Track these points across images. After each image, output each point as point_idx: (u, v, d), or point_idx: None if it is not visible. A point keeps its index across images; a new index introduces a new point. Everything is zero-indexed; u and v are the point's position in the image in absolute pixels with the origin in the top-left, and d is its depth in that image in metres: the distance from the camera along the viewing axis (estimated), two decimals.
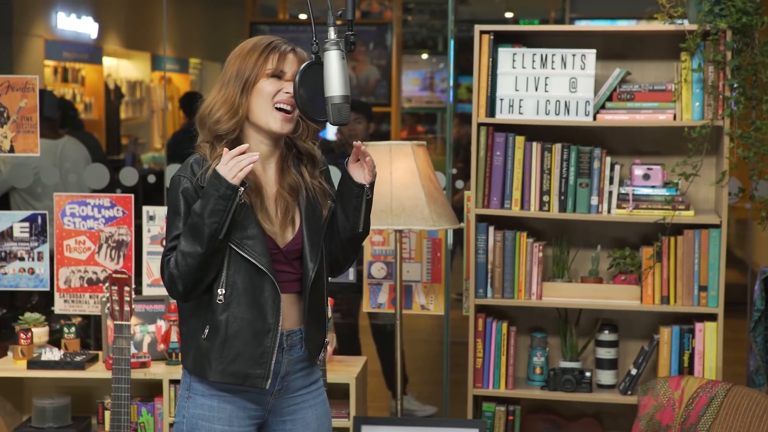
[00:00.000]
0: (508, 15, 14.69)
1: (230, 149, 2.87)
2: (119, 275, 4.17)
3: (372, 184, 3.00)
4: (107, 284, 4.23)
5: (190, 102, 9.38)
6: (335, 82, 2.83)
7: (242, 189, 2.81)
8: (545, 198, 4.53)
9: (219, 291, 2.89)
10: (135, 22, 11.66)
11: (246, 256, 2.88)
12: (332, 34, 2.85)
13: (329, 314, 4.13)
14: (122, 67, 12.12)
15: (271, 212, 2.96)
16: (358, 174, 2.98)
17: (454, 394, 5.31)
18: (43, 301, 6.04)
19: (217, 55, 13.18)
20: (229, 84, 2.93)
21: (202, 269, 2.85)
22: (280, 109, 2.93)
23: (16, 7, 9.85)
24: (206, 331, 2.91)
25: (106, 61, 11.62)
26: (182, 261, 2.84)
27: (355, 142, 2.98)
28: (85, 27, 10.93)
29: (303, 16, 13.57)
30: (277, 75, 2.93)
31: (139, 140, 11.96)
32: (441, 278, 5.08)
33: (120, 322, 4.14)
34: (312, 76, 2.86)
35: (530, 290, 4.57)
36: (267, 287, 2.91)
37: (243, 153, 2.82)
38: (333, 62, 2.83)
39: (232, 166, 2.80)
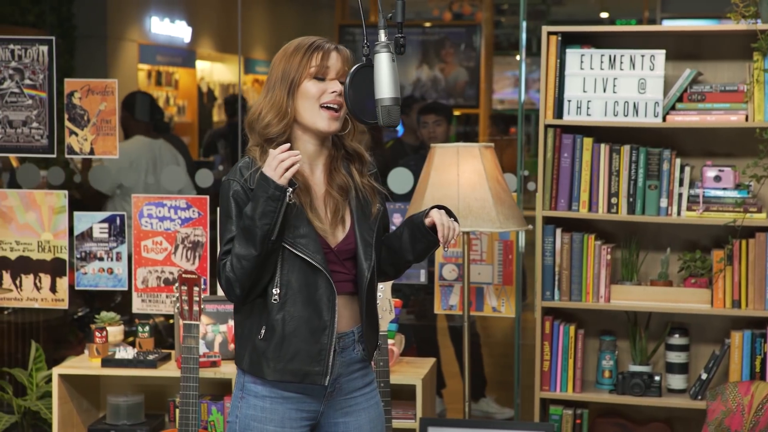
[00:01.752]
0: (604, 15, 14.56)
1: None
2: (188, 275, 4.23)
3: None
4: (177, 284, 4.29)
5: (232, 103, 9.60)
6: (385, 84, 2.84)
7: (290, 189, 2.83)
8: (613, 200, 4.50)
9: (274, 291, 2.91)
10: (228, 26, 11.81)
11: (300, 254, 2.89)
12: (383, 36, 2.86)
13: (393, 315, 4.16)
14: (215, 71, 12.28)
15: (320, 212, 2.97)
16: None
17: (529, 397, 5.29)
18: (125, 301, 6.16)
19: None
20: (275, 87, 2.96)
21: (258, 271, 2.88)
22: (327, 108, 2.95)
23: (110, 12, 10.06)
24: (262, 331, 2.92)
25: (199, 64, 11.79)
26: (237, 264, 2.87)
27: (440, 227, 2.95)
28: (179, 31, 11.11)
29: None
30: (321, 74, 2.94)
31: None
32: (512, 280, 5.07)
33: (189, 322, 4.19)
34: (362, 78, 2.88)
35: (598, 293, 4.53)
36: (321, 285, 2.92)
37: (285, 152, 2.83)
38: (383, 64, 2.84)
39: (275, 166, 2.81)
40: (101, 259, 5.26)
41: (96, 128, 5.22)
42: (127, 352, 4.65)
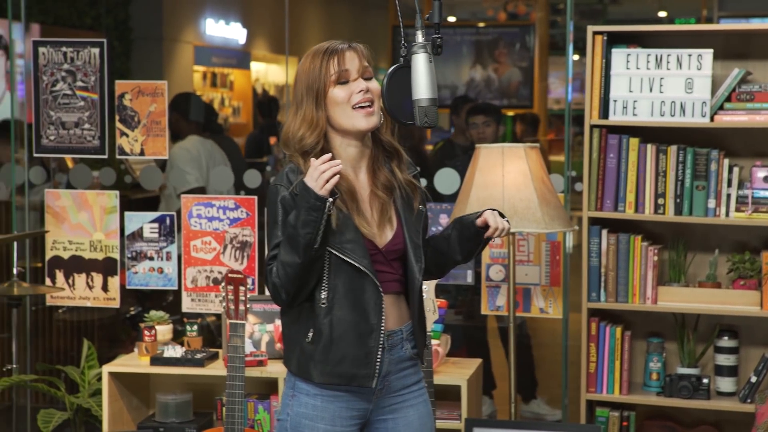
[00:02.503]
0: (662, 14, 14.45)
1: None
2: (235, 275, 4.27)
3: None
4: (223, 284, 4.33)
5: (267, 105, 9.68)
6: (422, 85, 2.84)
7: (331, 200, 2.83)
8: (660, 201, 4.47)
9: (321, 295, 2.92)
10: (283, 27, 11.87)
11: (346, 259, 2.90)
12: (420, 37, 2.87)
13: (436, 316, 4.17)
14: (270, 72, 12.36)
15: (367, 214, 2.98)
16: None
17: (576, 399, 5.26)
18: (176, 300, 6.22)
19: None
20: (303, 103, 2.97)
21: (303, 277, 2.89)
22: (360, 108, 2.95)
23: (166, 15, 10.17)
24: (310, 334, 2.94)
25: (254, 65, 11.88)
26: (282, 270, 2.88)
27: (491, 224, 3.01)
28: (234, 33, 11.21)
29: (452, 19, 13.61)
30: (344, 78, 2.95)
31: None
32: (560, 281, 5.05)
33: (235, 321, 4.23)
34: (400, 78, 2.89)
35: (645, 294, 4.50)
36: (368, 288, 2.93)
37: (326, 162, 2.83)
38: (420, 65, 2.85)
39: (317, 176, 2.82)
40: (151, 258, 5.32)
41: (146, 129, 5.28)
42: (175, 351, 4.70)
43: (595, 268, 4.54)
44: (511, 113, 10.40)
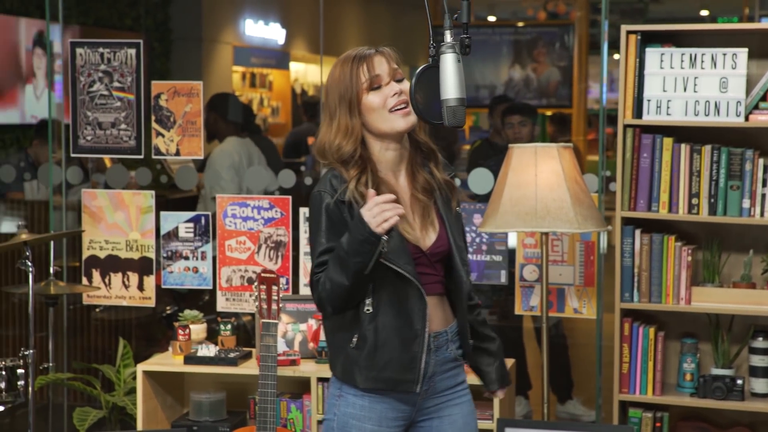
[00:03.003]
0: (704, 13, 14.35)
1: (358, 169, 2.94)
2: (267, 275, 4.29)
3: None
4: (256, 283, 4.35)
5: (313, 105, 9.70)
6: (450, 85, 2.83)
7: (386, 238, 2.81)
8: (694, 201, 4.44)
9: (366, 301, 2.94)
10: (324, 28, 11.90)
11: (391, 265, 2.91)
12: (448, 37, 2.87)
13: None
14: (309, 72, 12.40)
15: (409, 218, 2.99)
16: None
17: (610, 400, 5.24)
18: (212, 300, 6.25)
19: (407, 59, 13.35)
20: (337, 113, 2.98)
21: (350, 297, 2.91)
22: (396, 110, 2.96)
23: (205, 15, 10.22)
24: (354, 340, 2.96)
25: (293, 66, 11.91)
26: (330, 287, 2.88)
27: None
28: (273, 33, 11.24)
29: (492, 18, 13.57)
30: (376, 84, 2.96)
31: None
32: (594, 281, 5.03)
33: (267, 321, 4.25)
34: (428, 78, 2.89)
35: (678, 295, 4.48)
36: (412, 294, 2.94)
37: (389, 202, 2.81)
38: (448, 65, 2.84)
39: (376, 214, 2.79)
40: (187, 258, 5.35)
41: (182, 129, 5.31)
42: (209, 350, 4.73)
43: (628, 268, 4.52)
44: (548, 113, 10.38)
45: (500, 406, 4.49)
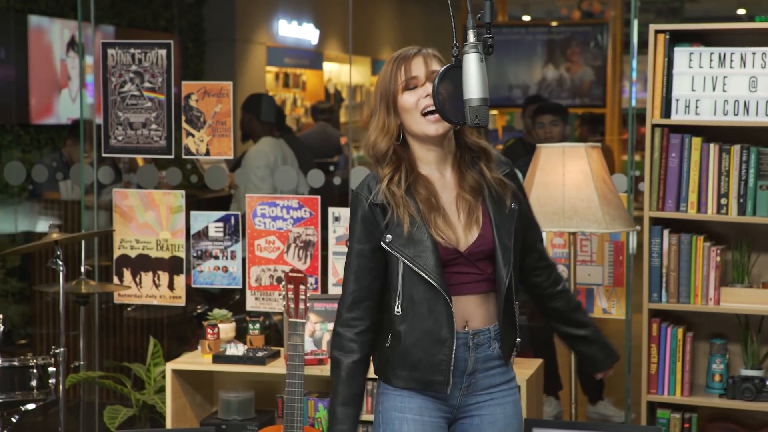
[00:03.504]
0: (741, 12, 14.27)
1: (392, 167, 2.98)
2: (295, 274, 4.31)
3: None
4: (284, 283, 4.36)
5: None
6: (473, 85, 2.83)
7: None
8: (723, 201, 4.41)
9: (396, 303, 2.98)
10: (356, 28, 11.94)
11: (419, 271, 2.94)
12: (471, 37, 2.87)
13: None
14: (343, 72, 12.42)
15: (452, 217, 3.01)
16: None
17: (638, 401, 5.22)
18: (243, 299, 6.29)
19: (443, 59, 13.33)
20: (377, 110, 3.05)
21: None
22: (428, 113, 2.98)
23: (238, 16, 10.27)
24: (389, 340, 3.02)
25: (327, 66, 11.94)
26: (332, 372, 3.08)
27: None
28: (307, 33, 11.27)
29: (526, 18, 13.55)
30: (413, 84, 2.98)
31: (353, 143, 12.24)
32: (623, 282, 5.02)
33: (295, 320, 4.26)
34: (452, 78, 2.90)
35: (707, 295, 4.45)
36: (441, 299, 2.96)
37: None
38: (471, 65, 2.85)
39: None
40: (216, 257, 5.38)
41: (212, 129, 5.34)
42: (237, 349, 4.75)
43: (656, 268, 4.50)
44: (579, 112, 10.35)
45: (528, 407, 4.48)
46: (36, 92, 8.11)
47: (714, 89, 4.42)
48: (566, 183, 4.45)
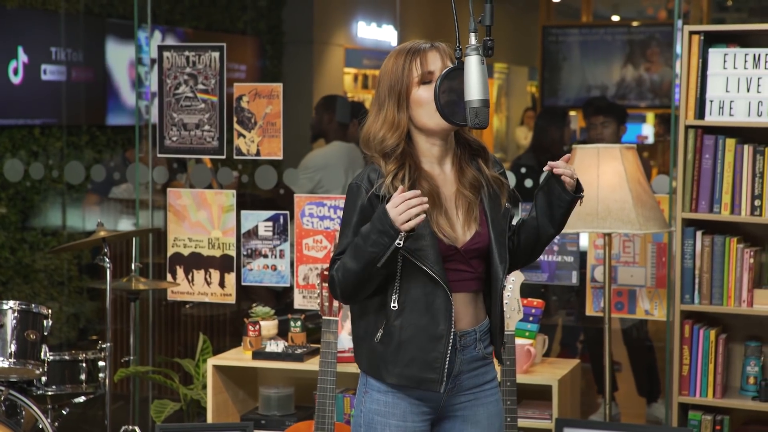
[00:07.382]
0: None
1: (397, 164, 2.96)
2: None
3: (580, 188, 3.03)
4: (318, 281, 4.43)
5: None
6: (474, 86, 2.87)
7: (403, 234, 2.82)
8: (757, 202, 4.37)
9: (393, 297, 2.95)
10: (436, 30, 11.97)
11: (419, 264, 2.93)
12: (473, 39, 2.90)
13: (521, 315, 4.20)
14: None
15: (451, 213, 3.00)
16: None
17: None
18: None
19: (521, 60, 13.31)
20: (385, 104, 3.00)
21: (360, 286, 2.93)
22: None
23: (317, 18, 10.37)
24: (379, 334, 2.98)
25: None
26: (343, 272, 2.92)
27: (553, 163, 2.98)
28: (386, 35, 11.33)
29: (615, 18, 13.43)
30: (427, 79, 2.98)
31: None
32: (665, 283, 5.00)
33: (328, 318, 4.33)
34: (453, 80, 2.94)
35: (740, 297, 4.42)
36: (440, 294, 2.95)
37: (417, 198, 2.82)
38: (472, 67, 2.88)
39: (402, 210, 2.81)
40: (266, 256, 5.48)
41: (262, 130, 5.45)
42: (277, 346, 4.84)
43: (689, 269, 4.47)
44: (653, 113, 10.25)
45: (560, 406, 4.50)
46: (112, 94, 8.31)
47: (748, 90, 4.38)
48: (600, 184, 4.45)
